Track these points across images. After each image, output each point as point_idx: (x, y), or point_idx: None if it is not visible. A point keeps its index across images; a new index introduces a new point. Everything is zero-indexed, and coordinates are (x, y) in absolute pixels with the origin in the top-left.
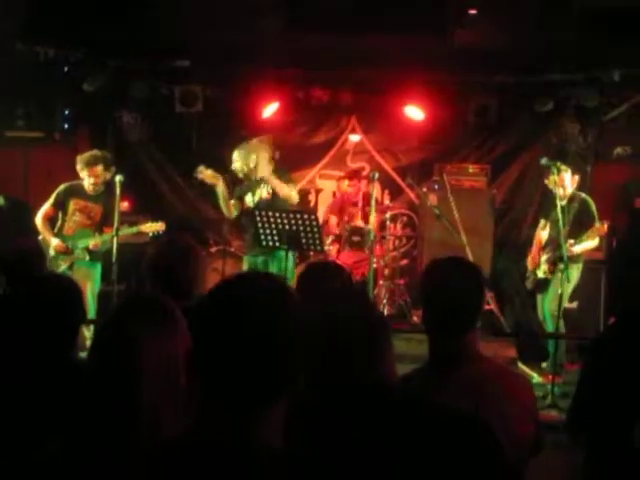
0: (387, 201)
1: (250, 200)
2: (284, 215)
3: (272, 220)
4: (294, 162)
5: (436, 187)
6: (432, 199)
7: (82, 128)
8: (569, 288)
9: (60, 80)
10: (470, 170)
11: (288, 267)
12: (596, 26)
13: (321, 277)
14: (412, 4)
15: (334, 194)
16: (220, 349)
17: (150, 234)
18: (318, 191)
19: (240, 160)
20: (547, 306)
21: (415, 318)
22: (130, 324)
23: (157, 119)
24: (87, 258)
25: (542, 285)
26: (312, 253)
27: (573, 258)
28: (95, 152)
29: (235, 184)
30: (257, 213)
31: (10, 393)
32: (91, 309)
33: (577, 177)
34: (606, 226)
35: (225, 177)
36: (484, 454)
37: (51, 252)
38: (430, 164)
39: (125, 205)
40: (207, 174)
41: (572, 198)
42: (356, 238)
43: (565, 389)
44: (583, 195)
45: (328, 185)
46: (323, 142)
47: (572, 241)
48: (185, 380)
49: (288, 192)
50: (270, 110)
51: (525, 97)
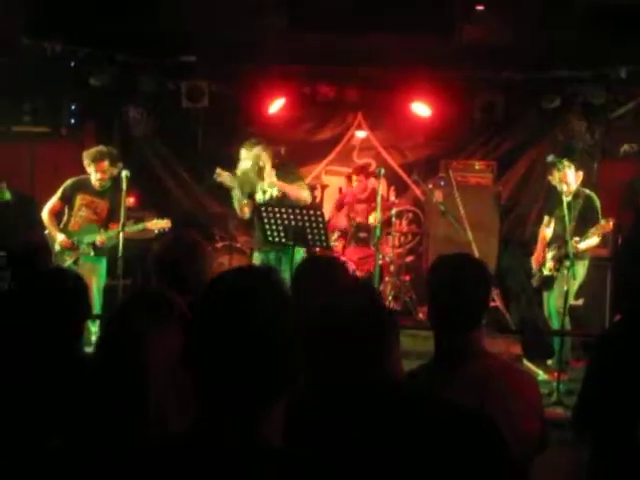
0: (393, 197)
1: (260, 197)
2: (290, 211)
3: (278, 216)
4: (300, 158)
5: (442, 183)
6: (438, 196)
7: (88, 123)
8: (575, 285)
9: (66, 75)
10: (476, 167)
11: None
12: (603, 23)
13: (324, 271)
14: (419, 0)
15: (340, 190)
16: (218, 347)
17: (156, 231)
18: (324, 187)
19: (250, 159)
20: (553, 303)
21: (420, 315)
22: (136, 319)
23: (163, 114)
24: (92, 253)
25: (548, 282)
26: (318, 249)
27: (579, 255)
28: (101, 148)
29: (244, 182)
30: (263, 209)
31: (16, 387)
32: (97, 304)
33: (581, 173)
34: (611, 223)
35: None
36: (489, 451)
37: (57, 247)
38: (436, 161)
39: (131, 201)
40: (225, 177)
41: (577, 194)
42: (362, 234)
43: (570, 386)
44: (587, 191)
45: (334, 181)
46: (329, 138)
47: (577, 238)
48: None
49: (298, 194)
50: (276, 106)
51: (532, 94)
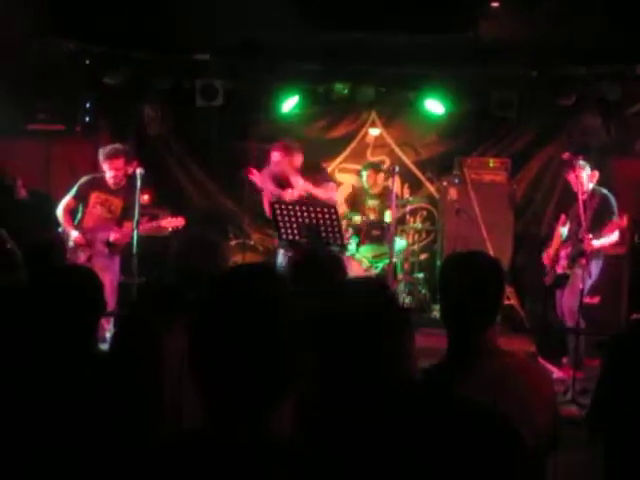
0: (407, 195)
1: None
2: (304, 208)
3: (292, 213)
4: (314, 155)
5: (456, 181)
6: (452, 193)
7: (103, 121)
8: (588, 284)
9: (81, 74)
10: (491, 164)
11: None
12: (619, 20)
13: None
14: None
15: (353, 188)
16: (223, 346)
17: (170, 229)
18: (338, 184)
19: (284, 161)
20: (566, 302)
21: (435, 312)
22: (150, 317)
23: (178, 113)
24: (106, 251)
25: (561, 281)
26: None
27: (593, 254)
28: (117, 145)
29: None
30: (277, 206)
31: (30, 384)
32: (110, 301)
33: (597, 173)
34: (625, 219)
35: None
36: (506, 450)
37: (71, 244)
38: (450, 158)
39: (145, 198)
40: (258, 177)
41: (593, 194)
42: (376, 232)
43: (585, 385)
44: (604, 191)
45: (348, 179)
46: (343, 136)
47: (591, 236)
48: None
49: (328, 196)
50: (290, 104)
51: (547, 91)
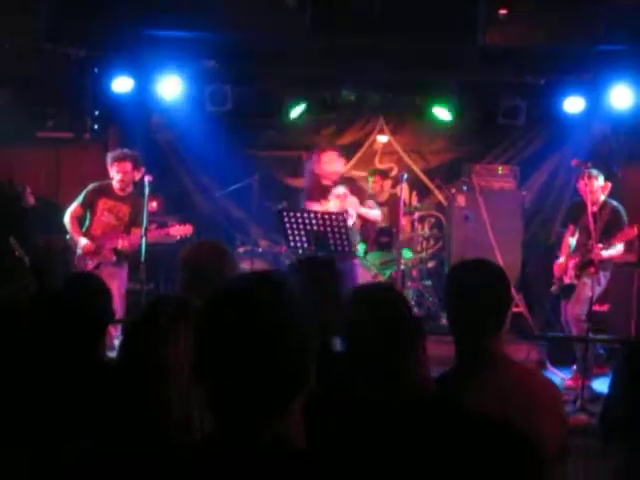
0: (415, 202)
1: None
2: (312, 216)
3: (300, 221)
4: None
5: (465, 188)
6: (460, 200)
7: (112, 128)
8: (595, 294)
9: (90, 81)
10: (499, 171)
11: None
12: (626, 26)
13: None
14: (442, 4)
15: None
16: (227, 354)
17: (178, 237)
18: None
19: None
20: (571, 311)
21: (444, 320)
22: (158, 325)
23: (186, 119)
24: (114, 258)
25: (567, 291)
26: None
27: (602, 264)
28: (125, 150)
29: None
30: (285, 214)
31: (38, 392)
32: (118, 309)
33: (609, 184)
34: (636, 229)
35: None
36: (520, 464)
37: (79, 252)
38: (459, 165)
39: (154, 205)
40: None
41: (603, 205)
42: (384, 239)
43: (595, 393)
44: (615, 203)
45: None
46: (351, 143)
47: (601, 246)
48: None
49: (374, 216)
50: (298, 110)
51: (555, 98)
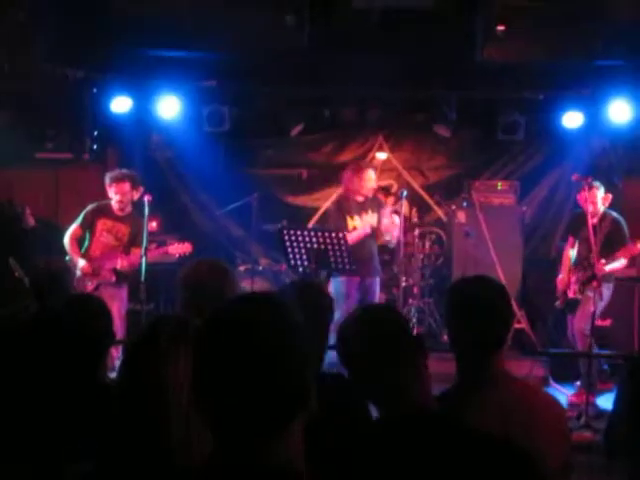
0: (415, 219)
1: (357, 224)
2: (312, 234)
3: (300, 239)
4: (322, 180)
5: (465, 204)
6: (461, 216)
7: (111, 149)
8: (600, 307)
9: (88, 101)
10: (499, 187)
11: None
12: (624, 41)
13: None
14: (440, 21)
15: None
16: (225, 377)
17: (177, 256)
18: None
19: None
20: (577, 325)
21: (445, 337)
22: (158, 346)
23: (185, 139)
24: (114, 279)
25: (572, 305)
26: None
27: (604, 277)
28: (124, 170)
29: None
30: (285, 232)
31: (39, 413)
32: (119, 330)
33: (610, 196)
34: (639, 246)
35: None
36: None
37: (78, 273)
38: (458, 181)
39: (153, 225)
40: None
41: (603, 217)
42: (385, 257)
43: (599, 409)
44: (615, 214)
45: None
46: (350, 160)
47: (604, 260)
48: None
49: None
50: (297, 129)
51: (554, 113)
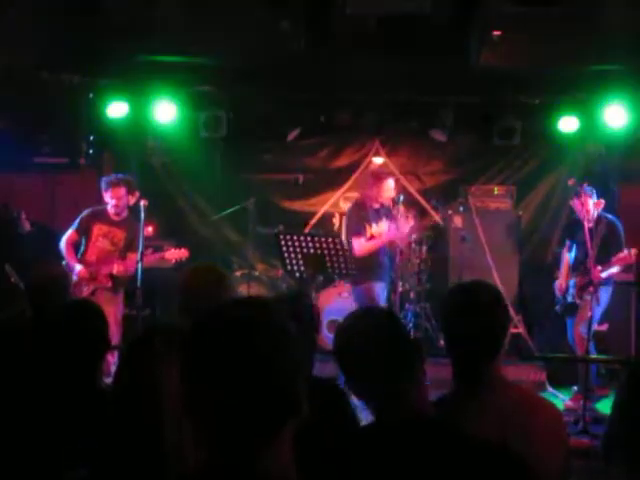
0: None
1: (377, 230)
2: (309, 239)
3: (297, 244)
4: (318, 185)
5: (461, 209)
6: (457, 221)
7: (107, 153)
8: (599, 311)
9: (84, 106)
10: (495, 192)
11: None
12: (619, 45)
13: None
14: (436, 26)
15: None
16: (217, 377)
17: (173, 261)
18: (342, 214)
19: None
20: (576, 330)
21: (442, 342)
22: (154, 351)
23: (181, 144)
24: (110, 284)
25: (571, 309)
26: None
27: (602, 281)
28: (119, 175)
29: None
30: (281, 237)
31: (36, 419)
32: (115, 335)
33: (602, 201)
34: (634, 254)
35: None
36: None
37: (74, 278)
38: (455, 186)
39: (149, 230)
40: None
41: (599, 220)
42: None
43: (596, 414)
44: (610, 217)
45: None
46: (347, 165)
47: (600, 267)
48: None
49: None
50: (293, 133)
51: (550, 117)
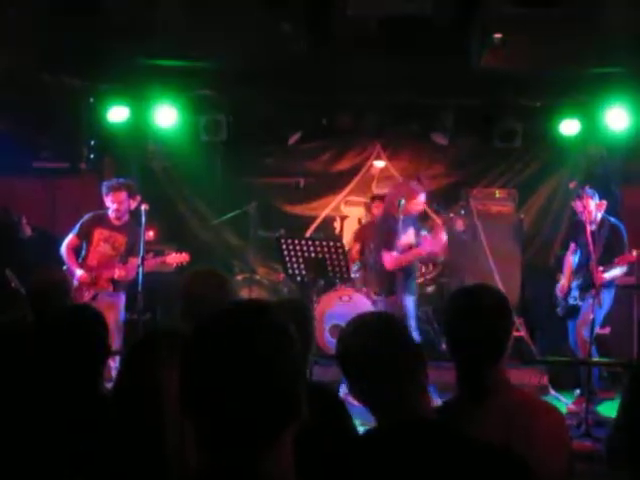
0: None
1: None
2: (310, 243)
3: (298, 248)
4: (319, 189)
5: (463, 212)
6: (459, 225)
7: (107, 158)
8: (601, 314)
9: (85, 110)
10: (497, 195)
11: None
12: (620, 47)
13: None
14: (437, 28)
15: (359, 221)
16: (218, 377)
17: (174, 265)
18: (343, 218)
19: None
20: (578, 333)
21: (443, 345)
22: (156, 356)
23: (182, 148)
24: (111, 289)
25: (573, 312)
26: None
27: (605, 284)
28: (120, 179)
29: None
30: (282, 241)
31: (37, 424)
32: (116, 340)
33: (604, 202)
34: (635, 254)
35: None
36: None
37: (75, 283)
38: (456, 189)
39: (150, 234)
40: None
41: (602, 223)
42: None
43: (599, 417)
44: (613, 220)
45: (353, 212)
46: (348, 168)
47: (602, 268)
48: None
49: None
50: (295, 137)
51: (551, 120)
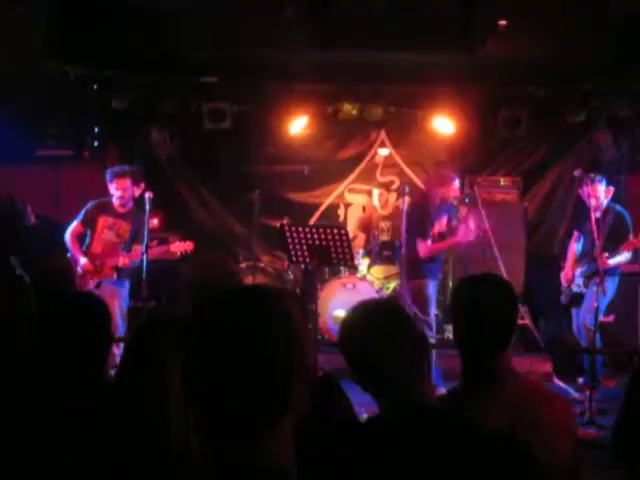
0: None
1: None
2: (314, 230)
3: (302, 236)
4: (323, 177)
5: (467, 200)
6: (463, 212)
7: (111, 145)
8: (605, 301)
9: (89, 98)
10: (501, 183)
11: None
12: (629, 35)
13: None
14: (441, 16)
15: (364, 208)
16: (211, 369)
17: (179, 253)
18: (347, 205)
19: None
20: (582, 320)
21: (447, 333)
22: (158, 345)
23: (186, 136)
24: (115, 276)
25: (577, 299)
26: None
27: (609, 271)
28: (124, 166)
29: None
30: (287, 229)
31: (40, 411)
32: (120, 327)
33: (612, 188)
34: None
35: None
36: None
37: (79, 270)
38: (461, 177)
39: (155, 222)
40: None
41: (607, 211)
42: (387, 252)
43: (603, 405)
44: (618, 208)
45: (357, 199)
46: (352, 156)
47: (607, 254)
48: None
49: None
50: (299, 125)
51: (556, 108)
